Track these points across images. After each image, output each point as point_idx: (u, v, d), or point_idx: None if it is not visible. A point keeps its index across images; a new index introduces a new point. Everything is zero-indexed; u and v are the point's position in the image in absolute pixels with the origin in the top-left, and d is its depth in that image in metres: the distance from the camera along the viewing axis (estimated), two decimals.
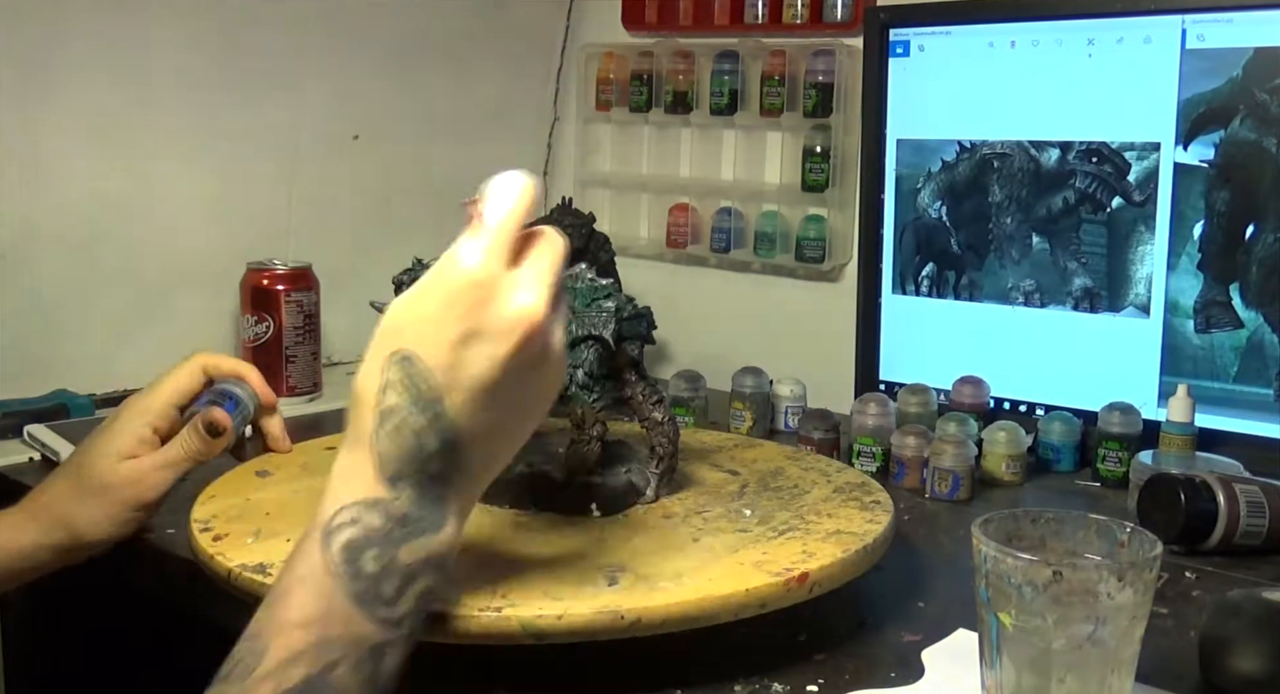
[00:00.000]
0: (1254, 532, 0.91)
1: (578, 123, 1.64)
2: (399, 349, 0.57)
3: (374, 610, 0.56)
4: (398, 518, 0.57)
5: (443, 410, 0.57)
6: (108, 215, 1.30)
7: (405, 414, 0.57)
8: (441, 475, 0.58)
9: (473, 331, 0.57)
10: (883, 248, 1.30)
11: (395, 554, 0.56)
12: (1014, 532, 0.65)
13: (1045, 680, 0.61)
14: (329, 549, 0.56)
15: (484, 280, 0.57)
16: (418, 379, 0.57)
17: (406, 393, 0.57)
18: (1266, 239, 1.07)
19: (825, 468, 0.95)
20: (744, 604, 0.70)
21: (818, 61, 1.40)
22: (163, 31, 1.31)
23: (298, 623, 0.55)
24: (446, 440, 0.57)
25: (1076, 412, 1.16)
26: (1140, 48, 1.12)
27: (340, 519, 0.57)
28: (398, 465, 0.57)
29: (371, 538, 0.56)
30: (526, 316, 0.57)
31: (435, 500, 0.58)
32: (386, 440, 0.57)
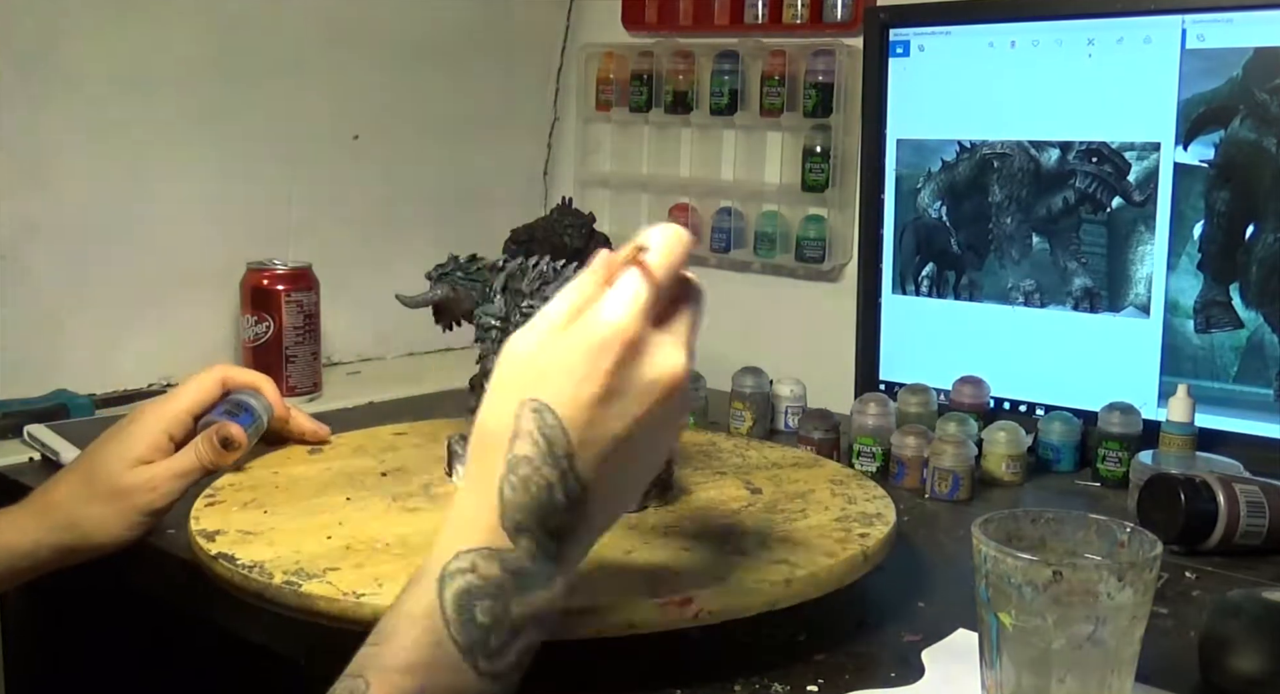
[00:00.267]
0: (1254, 532, 0.91)
1: (578, 123, 1.64)
2: (536, 399, 0.56)
3: (478, 663, 0.55)
4: (514, 570, 0.56)
5: (574, 467, 0.56)
6: (108, 215, 1.30)
7: (536, 466, 0.56)
8: (562, 530, 0.57)
9: (615, 390, 0.56)
10: (883, 248, 1.30)
11: (507, 607, 0.56)
12: (1014, 532, 0.65)
13: (1045, 680, 0.61)
14: (443, 594, 0.55)
15: (633, 340, 0.57)
16: (552, 434, 0.56)
17: (539, 446, 0.56)
18: (1266, 239, 1.07)
19: (861, 495, 0.88)
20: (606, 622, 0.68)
21: (818, 61, 1.40)
22: (163, 31, 1.31)
23: (403, 668, 0.54)
24: (574, 497, 0.57)
25: (1076, 412, 1.16)
26: (1140, 48, 1.12)
27: (458, 564, 0.56)
28: (522, 516, 0.56)
29: (487, 588, 0.55)
30: (670, 378, 0.57)
31: (549, 556, 0.57)
32: (513, 490, 0.56)
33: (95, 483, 0.83)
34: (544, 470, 0.56)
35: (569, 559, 0.58)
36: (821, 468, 0.96)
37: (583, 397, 0.56)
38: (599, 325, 0.57)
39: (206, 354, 1.39)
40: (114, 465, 0.83)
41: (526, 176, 1.69)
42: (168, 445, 0.86)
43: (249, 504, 0.84)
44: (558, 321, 0.58)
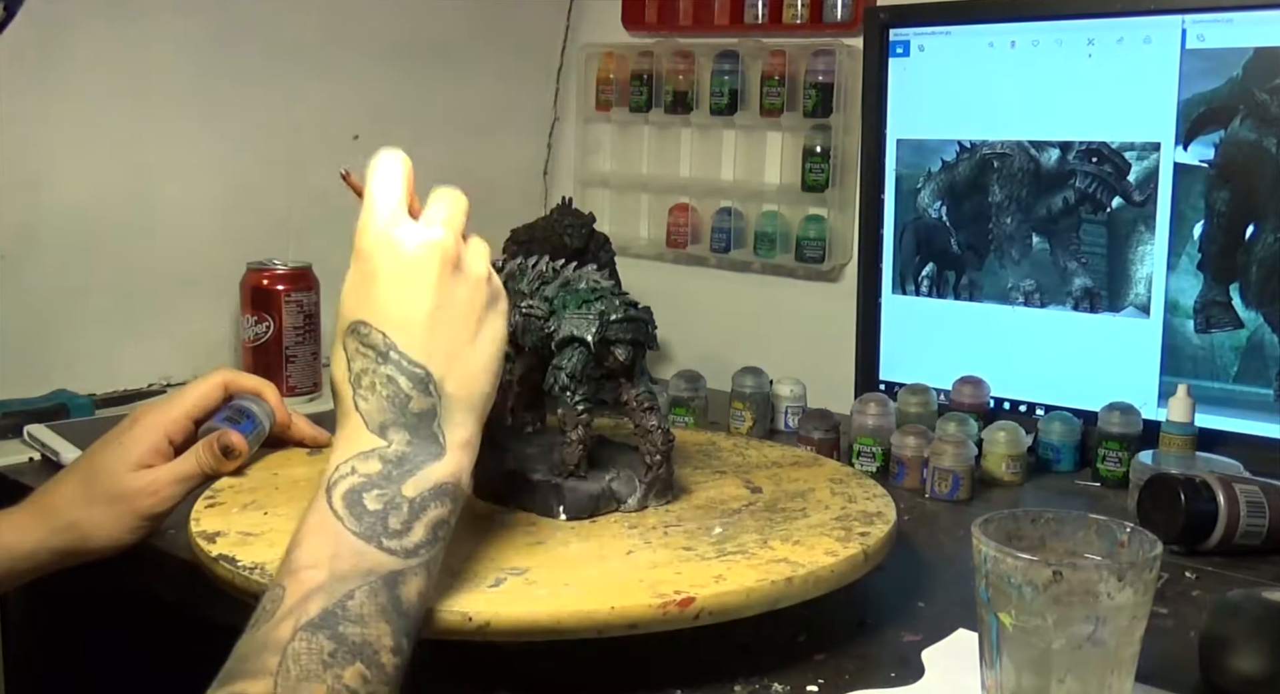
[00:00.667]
0: (1254, 532, 0.91)
1: (578, 123, 1.64)
2: (348, 323, 0.64)
3: (382, 542, 0.59)
4: (394, 459, 0.62)
5: (401, 352, 0.63)
6: (108, 215, 1.30)
7: (373, 371, 0.63)
8: (426, 410, 0.63)
9: (396, 275, 0.64)
10: (883, 248, 1.30)
11: (398, 490, 0.61)
12: (1014, 532, 0.65)
13: (1045, 680, 0.61)
14: (331, 498, 0.60)
15: (389, 231, 0.64)
16: (370, 337, 0.63)
17: (365, 354, 0.63)
18: (1266, 239, 1.07)
19: (862, 493, 0.88)
20: (607, 622, 0.67)
21: (818, 61, 1.40)
22: (163, 31, 1.31)
23: (308, 564, 0.58)
24: (416, 376, 0.63)
25: (1076, 412, 1.16)
26: (1140, 48, 1.12)
27: (340, 472, 0.61)
28: (380, 416, 0.63)
29: (371, 480, 0.61)
30: (436, 245, 0.64)
31: (427, 437, 0.63)
32: (365, 400, 0.63)
33: (95, 486, 0.83)
34: (380, 369, 0.63)
35: (454, 433, 0.64)
36: (821, 467, 0.96)
37: (372, 295, 0.64)
38: (356, 246, 0.65)
39: (206, 354, 1.40)
40: (114, 468, 0.84)
41: (526, 176, 1.69)
42: (168, 449, 0.86)
43: (249, 506, 0.84)
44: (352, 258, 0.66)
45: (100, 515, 0.83)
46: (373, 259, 0.64)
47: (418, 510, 0.61)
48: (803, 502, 0.86)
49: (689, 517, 0.83)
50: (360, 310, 0.64)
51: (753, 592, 0.70)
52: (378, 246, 0.64)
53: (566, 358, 0.82)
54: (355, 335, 0.64)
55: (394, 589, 0.59)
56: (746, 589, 0.70)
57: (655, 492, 0.84)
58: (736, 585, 0.70)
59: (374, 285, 0.64)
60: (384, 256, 0.64)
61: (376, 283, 0.64)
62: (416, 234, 0.65)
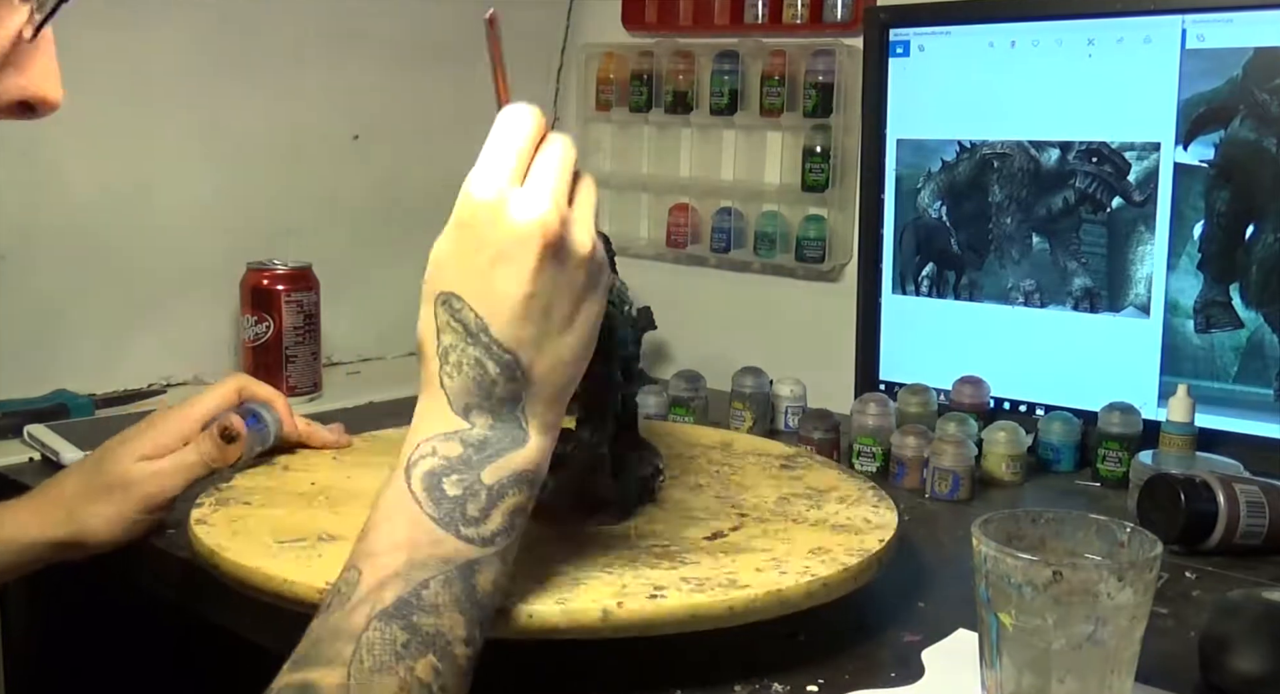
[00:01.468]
0: (1254, 532, 0.91)
1: (578, 123, 1.64)
2: (441, 291, 0.62)
3: (460, 530, 0.59)
4: (475, 444, 0.61)
5: (492, 337, 0.61)
6: (107, 215, 1.30)
7: (461, 349, 0.61)
8: (511, 397, 0.62)
9: (497, 253, 0.60)
10: (883, 248, 1.30)
11: (478, 476, 0.60)
12: (1014, 532, 0.65)
13: (1045, 680, 0.61)
14: (410, 480, 0.59)
15: (491, 203, 0.61)
16: (463, 313, 0.61)
17: (457, 331, 0.61)
18: (1266, 239, 1.07)
19: (851, 518, 0.83)
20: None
21: (818, 61, 1.40)
22: (163, 31, 1.31)
23: (386, 549, 0.58)
24: (504, 362, 0.61)
25: (1076, 412, 1.16)
26: (1140, 48, 1.12)
27: (421, 452, 0.61)
28: (466, 398, 0.61)
29: (452, 464, 0.60)
30: (540, 226, 0.60)
31: (511, 421, 0.62)
32: (450, 378, 0.61)
33: (98, 478, 0.84)
34: (469, 350, 0.61)
35: (538, 420, 0.63)
36: (823, 467, 0.96)
37: (472, 270, 0.61)
38: (461, 205, 0.62)
39: (206, 354, 1.40)
40: (120, 460, 0.84)
41: None
42: (178, 447, 0.86)
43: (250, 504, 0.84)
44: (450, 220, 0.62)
45: (101, 508, 0.83)
46: (474, 230, 0.61)
47: (496, 498, 0.60)
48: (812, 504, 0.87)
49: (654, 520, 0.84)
50: (455, 283, 0.61)
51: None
52: (481, 217, 0.61)
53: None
54: (448, 308, 0.61)
55: (469, 578, 0.58)
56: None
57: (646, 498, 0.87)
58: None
59: (472, 259, 0.61)
60: (485, 231, 0.61)
61: (475, 257, 0.61)
62: (524, 211, 0.61)
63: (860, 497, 0.87)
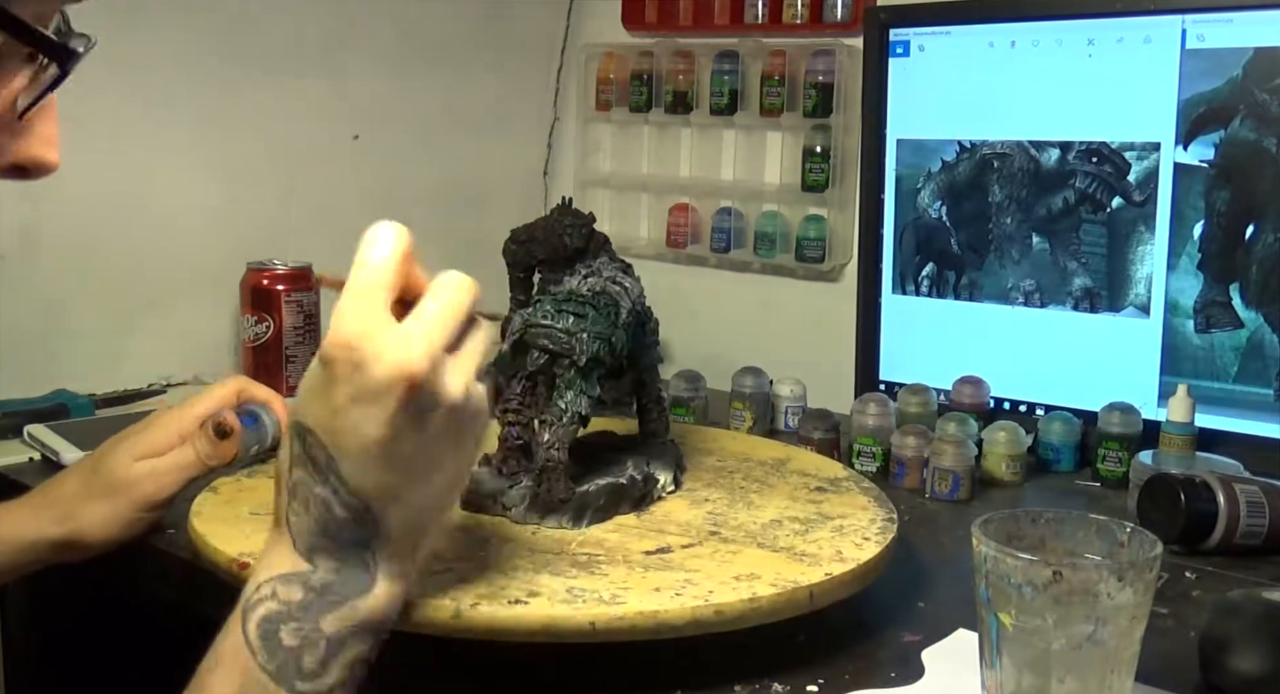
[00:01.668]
0: (1254, 532, 0.91)
1: (578, 123, 1.64)
2: (297, 422, 0.58)
3: (294, 684, 0.55)
4: (317, 588, 0.57)
5: (342, 479, 0.57)
6: (108, 215, 1.30)
7: (309, 486, 0.57)
8: (359, 542, 0.57)
9: (355, 394, 0.56)
10: (883, 248, 1.30)
11: (316, 625, 0.56)
12: (1014, 532, 0.65)
13: (1045, 680, 0.61)
14: (246, 626, 0.56)
15: (357, 341, 0.56)
16: (314, 450, 0.57)
17: (307, 467, 0.57)
18: (1266, 239, 1.07)
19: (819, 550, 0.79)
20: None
21: (818, 61, 1.40)
22: (163, 31, 1.31)
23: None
24: (353, 507, 0.57)
25: (1076, 412, 1.16)
26: (1140, 48, 1.12)
27: (259, 594, 0.57)
28: (310, 538, 0.57)
29: (289, 610, 0.56)
30: (403, 374, 0.55)
31: (357, 565, 0.58)
32: (296, 515, 0.57)
33: (97, 477, 0.84)
34: (317, 490, 0.57)
35: (388, 566, 0.58)
36: (854, 495, 0.91)
37: (328, 408, 0.56)
38: (325, 339, 0.57)
39: (206, 354, 1.40)
40: (118, 459, 0.84)
41: (526, 176, 1.69)
42: (176, 446, 0.86)
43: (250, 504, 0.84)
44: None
45: (99, 507, 0.83)
46: (334, 367, 0.56)
47: (335, 648, 0.56)
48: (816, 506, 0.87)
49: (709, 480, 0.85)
50: (312, 416, 0.57)
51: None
52: (341, 357, 0.56)
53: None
54: (301, 440, 0.57)
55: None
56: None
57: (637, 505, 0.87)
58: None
59: (330, 396, 0.56)
60: (346, 370, 0.56)
61: (333, 395, 0.56)
62: (385, 353, 0.56)
63: (858, 528, 0.81)
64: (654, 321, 0.92)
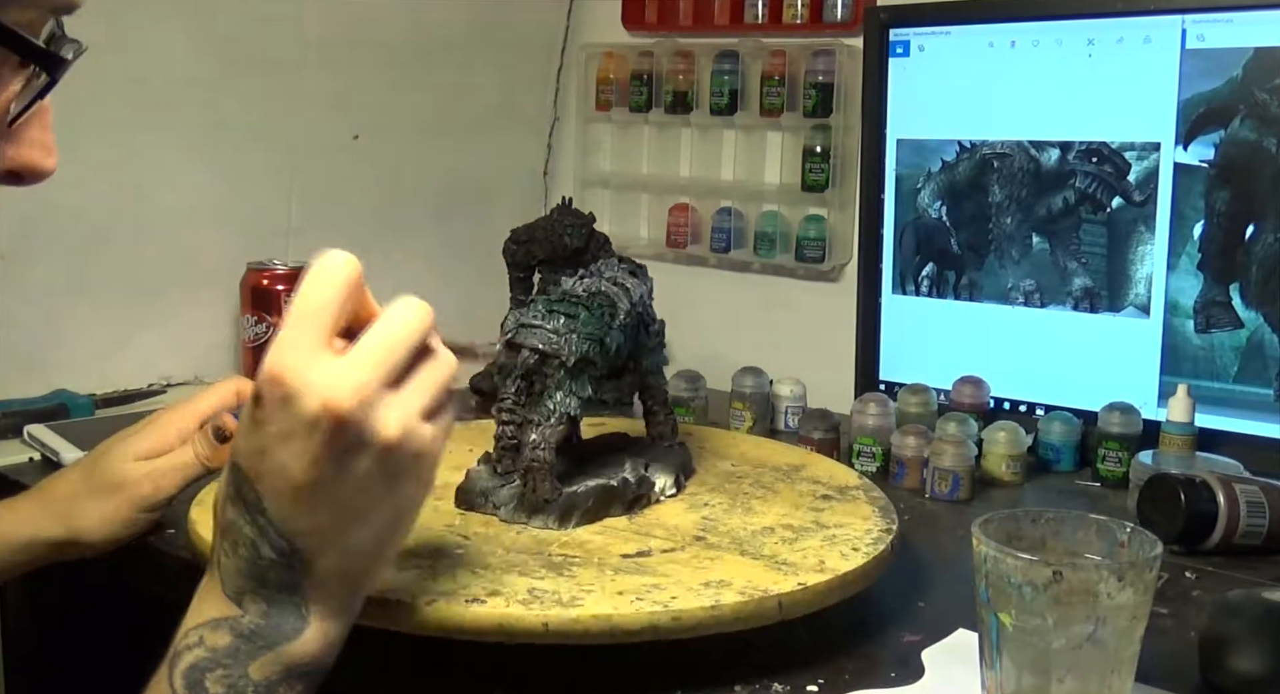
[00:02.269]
0: (1254, 532, 0.91)
1: (578, 123, 1.64)
2: (232, 462, 0.56)
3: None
4: (245, 634, 0.55)
5: (269, 519, 0.55)
6: (108, 215, 1.30)
7: (239, 526, 0.55)
8: (288, 584, 0.55)
9: (281, 431, 0.54)
10: (883, 248, 1.30)
11: (244, 672, 0.54)
12: (1014, 532, 0.65)
13: (1045, 680, 0.61)
14: (173, 676, 0.54)
15: (286, 377, 0.53)
16: (244, 489, 0.55)
17: (237, 505, 0.55)
18: (1266, 239, 1.07)
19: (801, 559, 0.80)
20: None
21: (818, 61, 1.40)
22: (163, 31, 1.31)
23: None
24: (280, 549, 0.55)
25: (1076, 411, 1.16)
26: (1140, 48, 1.12)
27: (186, 641, 0.55)
28: (239, 580, 0.55)
29: (217, 658, 0.54)
30: (329, 414, 0.53)
31: (288, 607, 0.55)
32: (226, 556, 0.56)
33: (96, 476, 0.84)
34: (245, 530, 0.55)
35: (321, 607, 0.56)
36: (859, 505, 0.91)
37: (257, 446, 0.54)
38: (260, 372, 0.55)
39: (206, 354, 1.40)
40: (117, 459, 0.84)
41: (526, 176, 1.69)
42: (175, 446, 0.86)
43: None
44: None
45: (96, 507, 0.83)
46: (264, 403, 0.54)
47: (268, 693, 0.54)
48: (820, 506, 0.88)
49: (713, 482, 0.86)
50: (243, 454, 0.55)
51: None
52: (268, 391, 0.54)
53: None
54: (235, 480, 0.55)
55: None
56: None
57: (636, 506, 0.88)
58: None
59: (258, 434, 0.54)
60: (273, 406, 0.54)
61: (261, 432, 0.54)
62: (311, 389, 0.53)
63: (850, 539, 0.79)
64: (658, 323, 0.92)
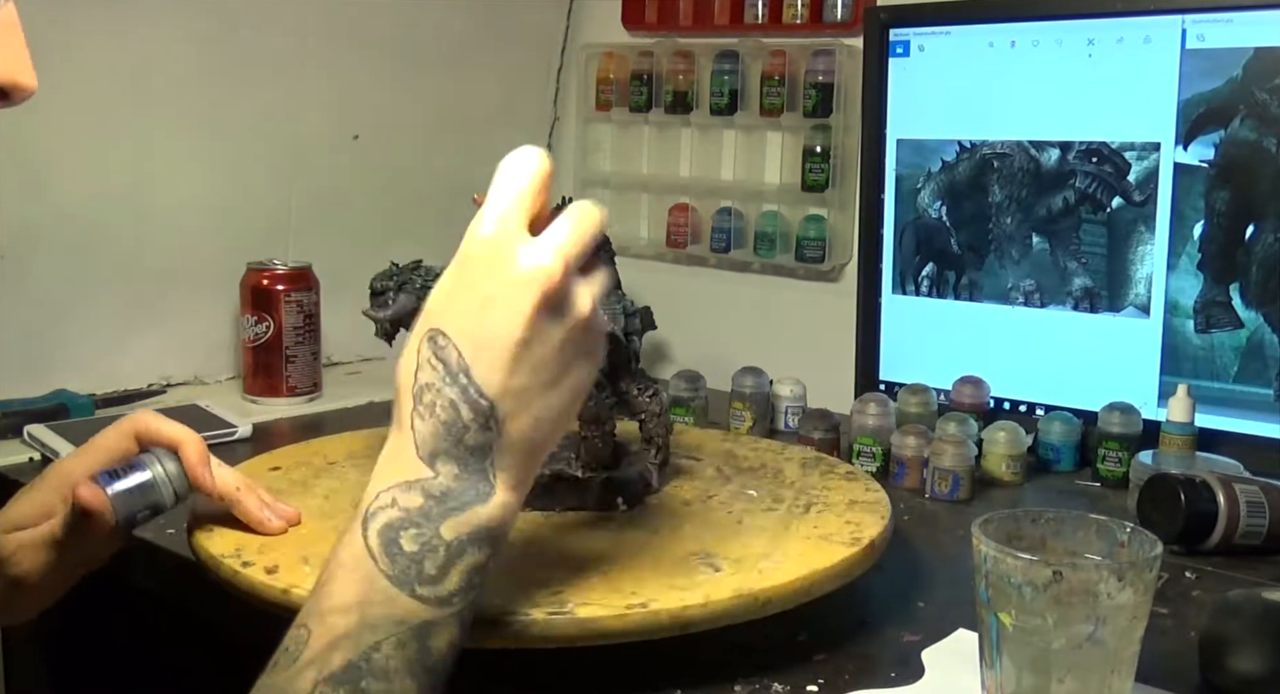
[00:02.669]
0: (1254, 532, 0.91)
1: (578, 123, 1.64)
2: (429, 328, 0.58)
3: (415, 589, 0.55)
4: (437, 495, 0.57)
5: (472, 379, 0.57)
6: (108, 215, 1.30)
7: (437, 390, 0.57)
8: (481, 447, 0.58)
9: (491, 294, 0.57)
10: (883, 248, 1.30)
11: (437, 531, 0.56)
12: (1014, 532, 0.65)
13: (1045, 680, 0.61)
14: (367, 533, 0.56)
15: (496, 243, 0.58)
16: (446, 351, 0.57)
17: (437, 369, 0.57)
18: (1266, 239, 1.07)
19: (769, 446, 1.01)
20: (840, 575, 0.74)
21: (818, 61, 1.40)
22: (163, 30, 1.31)
23: (338, 608, 0.55)
24: (480, 409, 0.57)
25: (1076, 411, 1.16)
26: (1140, 48, 1.12)
27: (379, 502, 0.57)
28: (434, 443, 0.57)
29: (410, 517, 0.56)
30: (541, 274, 0.57)
31: (478, 473, 0.58)
32: (422, 419, 0.58)
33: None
34: (446, 391, 0.57)
35: (507, 475, 0.59)
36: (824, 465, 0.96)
37: (464, 308, 0.58)
38: (465, 245, 0.59)
39: (206, 354, 1.40)
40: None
41: None
42: (58, 512, 0.74)
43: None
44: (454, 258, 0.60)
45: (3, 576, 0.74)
46: (473, 269, 0.58)
47: (455, 555, 0.56)
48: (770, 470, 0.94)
49: (708, 488, 0.89)
50: (445, 319, 0.58)
51: (888, 527, 0.81)
52: (481, 257, 0.58)
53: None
54: (432, 344, 0.58)
55: (424, 641, 0.55)
56: (885, 525, 0.81)
57: (664, 471, 0.89)
58: (877, 526, 0.80)
59: (467, 297, 0.58)
60: (484, 270, 0.58)
61: (470, 296, 0.58)
62: (526, 256, 0.58)
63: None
64: (632, 348, 0.88)
